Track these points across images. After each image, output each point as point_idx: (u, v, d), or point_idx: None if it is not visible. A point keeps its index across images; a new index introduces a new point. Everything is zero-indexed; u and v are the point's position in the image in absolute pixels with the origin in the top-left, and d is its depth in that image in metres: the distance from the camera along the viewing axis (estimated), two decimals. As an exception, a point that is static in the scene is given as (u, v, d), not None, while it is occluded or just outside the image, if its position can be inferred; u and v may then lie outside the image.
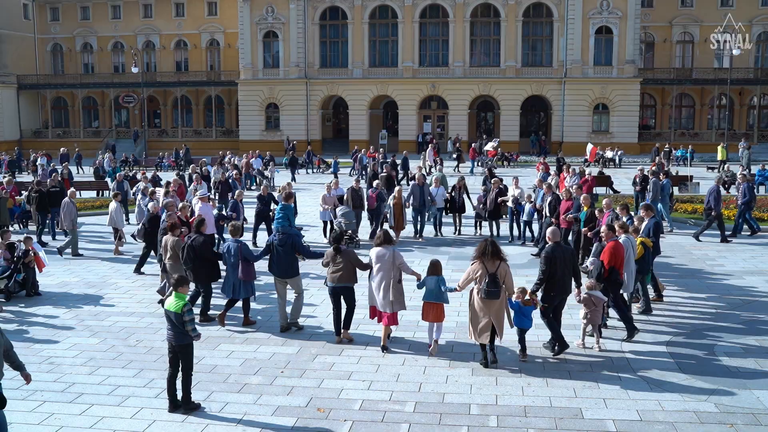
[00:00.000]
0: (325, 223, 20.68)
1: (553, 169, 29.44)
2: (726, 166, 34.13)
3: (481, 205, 20.86)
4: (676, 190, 28.70)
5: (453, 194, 21.42)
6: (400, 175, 33.52)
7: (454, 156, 42.63)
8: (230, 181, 26.22)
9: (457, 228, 21.62)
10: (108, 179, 34.16)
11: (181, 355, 9.08)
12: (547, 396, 9.51)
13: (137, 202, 20.96)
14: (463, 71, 53.99)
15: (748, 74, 52.90)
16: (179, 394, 9.16)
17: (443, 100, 55.26)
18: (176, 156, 47.59)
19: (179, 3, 60.56)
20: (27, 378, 8.01)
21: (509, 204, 20.17)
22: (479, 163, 40.19)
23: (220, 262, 13.05)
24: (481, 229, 21.40)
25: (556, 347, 11.01)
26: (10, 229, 19.02)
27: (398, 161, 34.90)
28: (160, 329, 11.08)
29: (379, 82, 54.93)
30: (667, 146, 44.40)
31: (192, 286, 12.55)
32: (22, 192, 25.29)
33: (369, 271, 11.42)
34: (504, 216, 20.72)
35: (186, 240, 12.93)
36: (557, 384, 9.92)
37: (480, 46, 54.77)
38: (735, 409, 9.01)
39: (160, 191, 21.15)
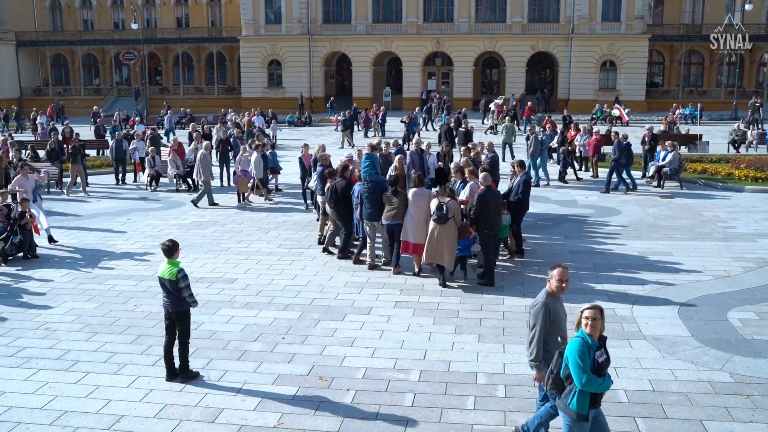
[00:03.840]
0: None
1: (559, 127, 28.85)
2: (737, 124, 33.49)
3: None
4: (684, 149, 28.22)
5: (441, 163, 18.55)
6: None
7: (511, 114, 41.78)
8: (231, 139, 25.78)
9: None
10: (108, 138, 33.65)
11: (177, 322, 8.79)
12: (556, 364, 9.21)
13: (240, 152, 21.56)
14: (468, 27, 53.00)
15: (759, 30, 51.79)
16: (177, 363, 8.89)
17: (448, 56, 54.36)
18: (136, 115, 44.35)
19: (179, -43, 59.45)
20: None
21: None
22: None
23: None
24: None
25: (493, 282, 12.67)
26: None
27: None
28: (158, 293, 10.77)
29: (383, 38, 53.98)
30: (759, 101, 40.07)
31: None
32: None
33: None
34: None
35: (331, 184, 14.17)
36: (566, 352, 9.63)
37: (486, 1, 53.57)
38: (751, 378, 8.71)
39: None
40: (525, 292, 12.12)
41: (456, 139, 25.73)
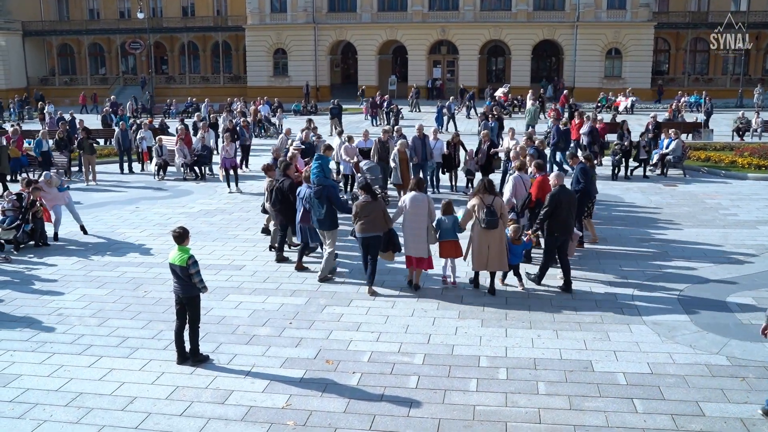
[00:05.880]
0: (346, 176, 19.34)
1: (565, 116, 28.99)
2: (741, 112, 33.52)
3: (474, 160, 19.13)
4: (689, 137, 28.33)
5: (449, 151, 19.34)
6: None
7: (538, 103, 41.66)
8: (238, 128, 25.94)
9: (454, 184, 19.98)
10: (116, 128, 33.84)
11: (188, 307, 9.02)
12: (557, 348, 9.43)
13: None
14: (473, 15, 53.00)
15: (765, 18, 51.66)
16: (187, 346, 9.14)
17: (453, 45, 54.40)
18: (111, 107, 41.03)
19: (184, -55, 59.45)
20: None
21: (501, 156, 18.91)
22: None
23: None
24: (473, 186, 18.24)
25: (540, 281, 11.97)
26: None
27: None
28: (167, 280, 11.04)
29: (388, 26, 54.04)
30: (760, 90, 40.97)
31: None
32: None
33: (402, 217, 11.81)
34: (496, 170, 19.16)
35: (275, 183, 13.36)
36: (567, 336, 9.84)
37: (491, -10, 53.66)
38: (747, 362, 8.92)
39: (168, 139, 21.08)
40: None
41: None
